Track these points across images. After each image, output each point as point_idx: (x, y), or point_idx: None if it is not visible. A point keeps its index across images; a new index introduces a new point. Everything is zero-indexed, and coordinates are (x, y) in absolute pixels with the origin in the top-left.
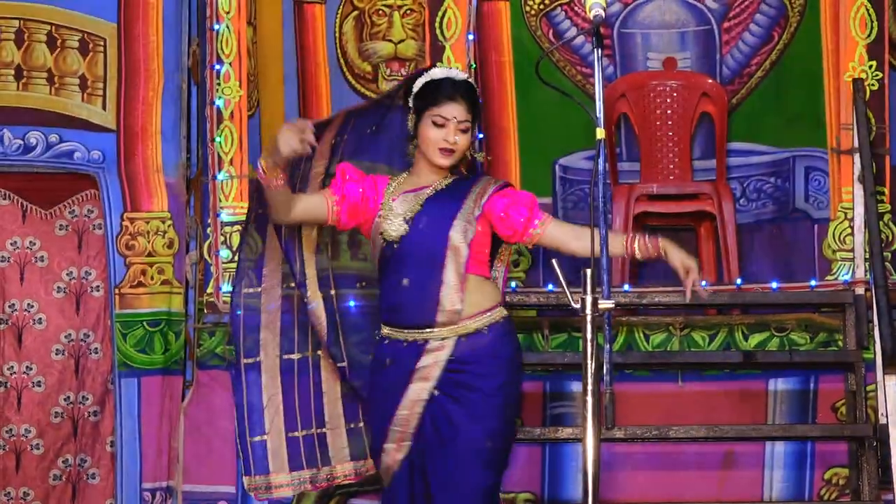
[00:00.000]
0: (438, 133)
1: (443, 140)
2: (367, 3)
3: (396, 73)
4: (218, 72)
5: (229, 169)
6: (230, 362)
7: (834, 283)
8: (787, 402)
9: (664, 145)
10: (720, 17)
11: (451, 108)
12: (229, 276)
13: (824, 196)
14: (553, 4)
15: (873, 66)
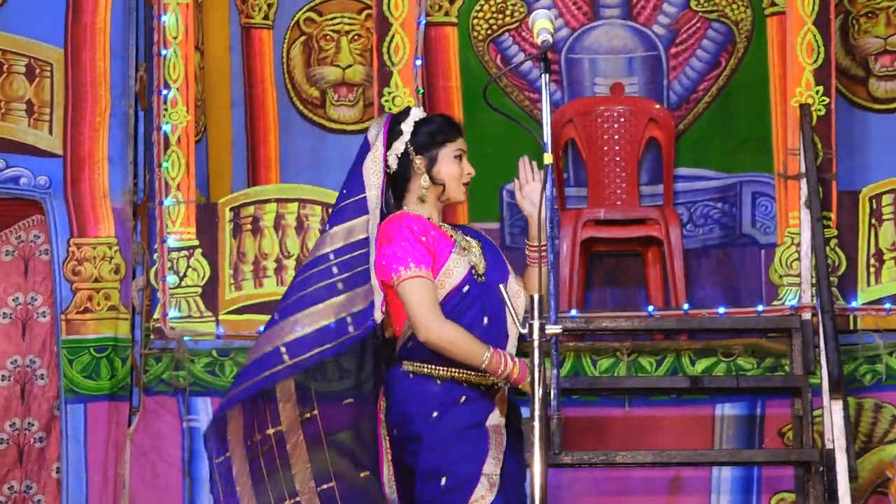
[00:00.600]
0: (460, 167)
1: (466, 175)
2: (315, 29)
3: (344, 98)
4: (165, 97)
5: (176, 194)
6: (176, 388)
7: (781, 309)
8: (733, 428)
9: (611, 170)
10: (667, 42)
11: (463, 141)
12: (176, 301)
13: (771, 221)
14: (501, 30)
15: (820, 91)
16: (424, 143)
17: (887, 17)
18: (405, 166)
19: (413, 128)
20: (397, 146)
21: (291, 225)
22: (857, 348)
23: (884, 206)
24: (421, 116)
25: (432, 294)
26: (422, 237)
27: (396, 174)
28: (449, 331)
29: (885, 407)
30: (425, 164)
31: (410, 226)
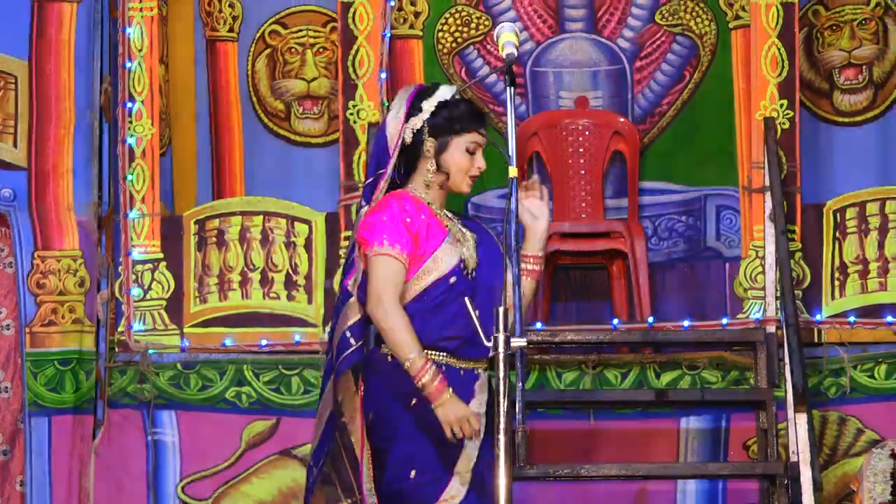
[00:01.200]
0: (470, 160)
1: (475, 168)
2: (280, 42)
3: (309, 111)
4: (130, 110)
5: (141, 207)
6: (141, 401)
7: (745, 322)
8: (698, 441)
9: (576, 184)
10: (632, 56)
11: (482, 134)
12: (140, 314)
13: (736, 234)
14: (465, 43)
15: (784, 104)
16: (440, 127)
17: (851, 30)
18: (418, 144)
19: (434, 108)
20: (414, 122)
21: (256, 238)
22: (822, 361)
23: (848, 220)
24: (446, 97)
25: (398, 276)
26: (407, 219)
27: (408, 149)
28: (394, 316)
29: (849, 420)
30: (435, 148)
31: (403, 205)
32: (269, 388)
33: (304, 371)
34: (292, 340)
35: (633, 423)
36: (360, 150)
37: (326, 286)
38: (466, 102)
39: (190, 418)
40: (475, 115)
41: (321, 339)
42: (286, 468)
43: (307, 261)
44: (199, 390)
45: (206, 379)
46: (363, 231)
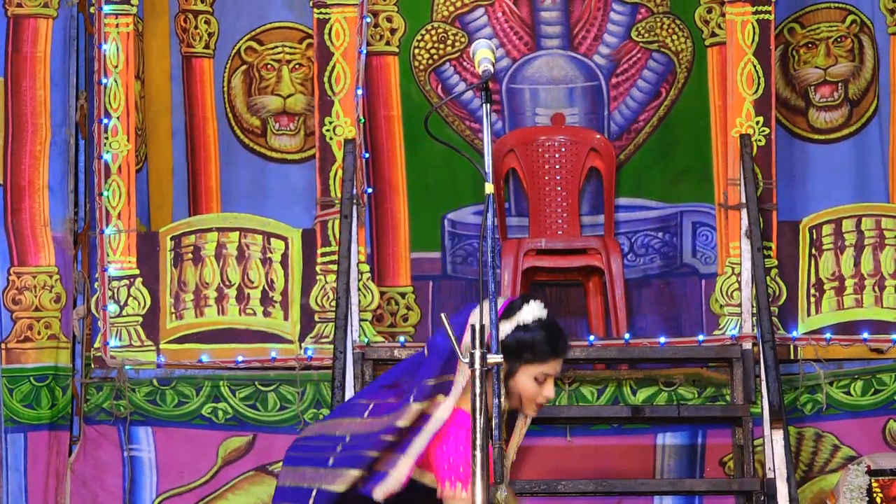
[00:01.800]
0: (539, 389)
1: (543, 396)
2: (256, 58)
3: (285, 127)
4: (106, 126)
5: (117, 223)
6: (117, 417)
7: (721, 338)
8: (675, 457)
9: (552, 200)
10: (608, 73)
11: (556, 364)
12: (116, 330)
13: (712, 251)
14: (442, 59)
15: (760, 121)
16: (512, 351)
17: (827, 47)
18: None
19: (512, 331)
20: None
21: (233, 254)
22: (798, 378)
23: (824, 237)
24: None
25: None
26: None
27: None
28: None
29: (825, 436)
30: (504, 371)
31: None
32: (246, 405)
33: (281, 387)
34: (268, 356)
35: (609, 440)
36: (336, 167)
37: (302, 302)
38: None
39: (166, 434)
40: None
41: (297, 355)
42: (262, 484)
43: (283, 277)
44: (176, 406)
45: (182, 395)
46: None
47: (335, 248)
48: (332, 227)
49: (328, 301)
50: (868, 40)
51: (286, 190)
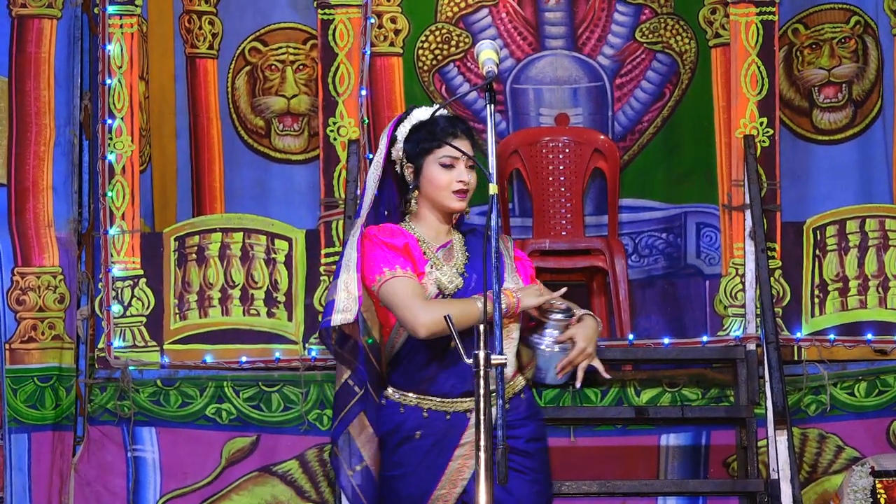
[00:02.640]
0: (450, 175)
1: (456, 182)
2: (260, 58)
3: (289, 128)
4: (110, 126)
5: (121, 224)
6: (121, 418)
7: (725, 339)
8: (678, 458)
9: (556, 201)
10: (612, 73)
11: (454, 145)
12: (120, 331)
13: (716, 252)
14: (445, 60)
15: (764, 122)
16: (413, 152)
17: (831, 48)
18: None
19: (408, 133)
20: (395, 153)
21: (236, 255)
22: (802, 379)
23: (828, 238)
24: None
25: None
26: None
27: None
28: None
29: (829, 437)
30: (412, 173)
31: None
32: (249, 405)
33: (285, 388)
34: (272, 357)
35: (613, 440)
36: (340, 167)
37: (306, 303)
38: (442, 118)
39: (170, 435)
40: (446, 128)
41: (301, 355)
42: (266, 485)
43: (287, 277)
44: (179, 407)
45: (186, 396)
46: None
47: (339, 249)
48: (335, 228)
49: None
50: (872, 41)
51: (290, 191)
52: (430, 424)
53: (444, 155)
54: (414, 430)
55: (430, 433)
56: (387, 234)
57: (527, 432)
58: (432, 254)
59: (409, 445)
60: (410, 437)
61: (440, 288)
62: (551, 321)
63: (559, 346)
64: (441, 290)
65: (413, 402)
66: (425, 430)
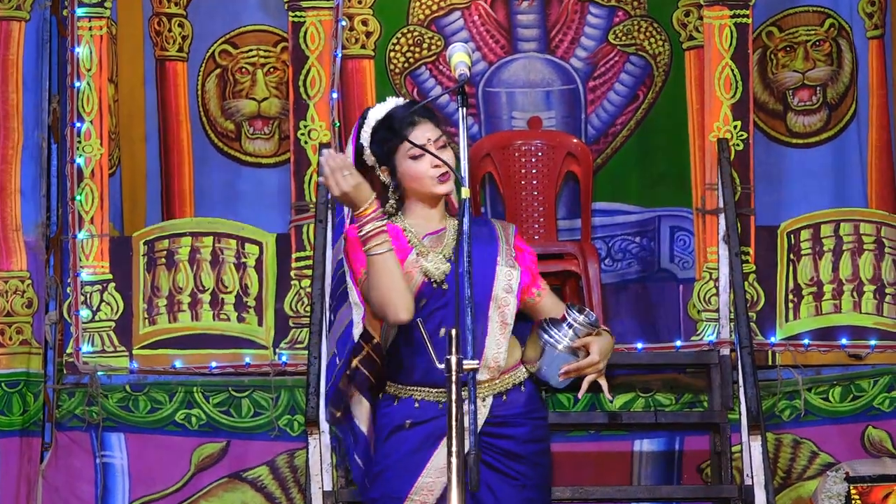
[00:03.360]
0: (423, 163)
1: (430, 167)
2: (230, 61)
3: (259, 131)
4: (78, 129)
5: (90, 228)
6: (89, 423)
7: (699, 344)
8: (652, 464)
9: (529, 205)
10: (585, 76)
11: (417, 132)
12: (89, 336)
13: (689, 256)
14: (417, 63)
15: (738, 126)
16: (382, 153)
17: (805, 51)
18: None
19: (370, 135)
20: (367, 158)
21: (206, 259)
22: (776, 384)
23: (802, 242)
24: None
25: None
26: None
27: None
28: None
29: (803, 443)
30: (389, 174)
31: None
32: (219, 411)
33: (255, 393)
34: (242, 362)
35: (586, 446)
36: (311, 171)
37: (277, 308)
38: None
39: (139, 441)
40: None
41: (271, 360)
42: (236, 491)
43: (258, 282)
44: (149, 412)
45: (155, 401)
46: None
47: (310, 253)
48: (306, 232)
49: (303, 306)
50: (846, 44)
51: (261, 194)
52: (422, 415)
53: (409, 149)
54: (404, 419)
55: (421, 423)
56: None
57: (523, 433)
58: (417, 241)
59: (398, 436)
60: (401, 426)
61: (427, 275)
62: (574, 323)
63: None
64: (428, 277)
65: (406, 395)
66: (416, 420)
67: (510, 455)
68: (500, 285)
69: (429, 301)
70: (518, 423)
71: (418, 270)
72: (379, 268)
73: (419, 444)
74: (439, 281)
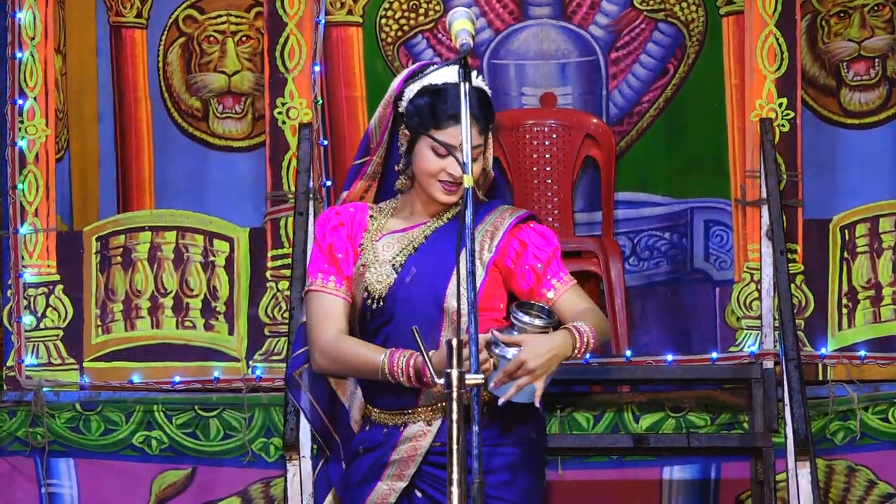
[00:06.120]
0: (439, 163)
1: (445, 172)
2: (196, 29)
3: (230, 109)
4: (20, 107)
5: (34, 221)
6: (34, 447)
7: (738, 356)
8: (684, 494)
9: (542, 195)
10: (607, 46)
11: (456, 130)
12: (33, 346)
13: (727, 254)
14: (413, 31)
15: (783, 104)
16: (414, 120)
17: (861, 17)
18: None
19: (415, 94)
20: (400, 106)
21: (169, 257)
22: (828, 402)
23: (857, 237)
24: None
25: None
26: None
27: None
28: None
29: (859, 470)
30: (406, 143)
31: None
32: (184, 433)
33: (225, 412)
34: (210, 377)
35: (607, 473)
36: (290, 155)
37: (250, 314)
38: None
39: (91, 467)
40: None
41: (244, 374)
42: None
43: (228, 284)
44: (102, 435)
45: (109, 422)
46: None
47: (288, 251)
48: (284, 226)
49: (280, 312)
50: None
51: (231, 183)
52: (371, 439)
53: (441, 140)
54: (358, 444)
55: (370, 449)
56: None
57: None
58: (371, 244)
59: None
60: (356, 451)
61: (368, 291)
62: (519, 323)
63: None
64: (369, 292)
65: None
66: (365, 445)
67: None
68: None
69: (373, 317)
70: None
71: (360, 287)
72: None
73: (364, 474)
74: (379, 295)
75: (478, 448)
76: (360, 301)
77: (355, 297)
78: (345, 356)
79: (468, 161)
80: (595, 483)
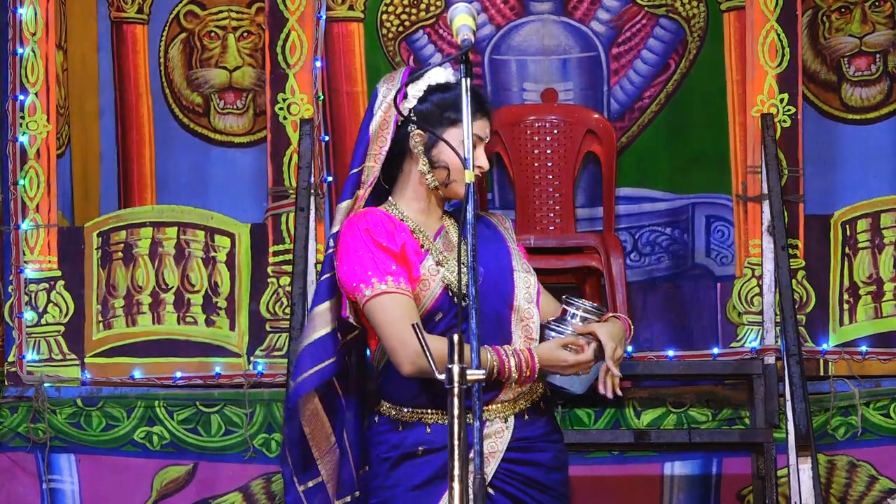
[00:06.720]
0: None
1: (477, 168)
2: (198, 24)
3: (231, 105)
4: (22, 103)
5: (35, 217)
6: (35, 443)
7: (740, 352)
8: (685, 489)
9: (543, 190)
10: (608, 42)
11: (481, 124)
12: (34, 342)
13: (728, 250)
14: (414, 27)
15: (785, 99)
16: (432, 116)
17: (863, 12)
18: (402, 141)
19: (423, 93)
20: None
21: (170, 253)
22: (829, 397)
23: (859, 233)
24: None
25: (411, 311)
26: (383, 242)
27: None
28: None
29: (860, 465)
30: (424, 143)
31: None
32: (185, 428)
33: (226, 408)
34: (212, 372)
35: (609, 469)
36: (291, 151)
37: (251, 309)
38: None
39: (92, 463)
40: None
41: (245, 370)
42: None
43: (229, 280)
44: (103, 430)
45: (110, 417)
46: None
47: (290, 246)
48: (286, 222)
49: (281, 308)
50: None
51: (232, 178)
52: (435, 441)
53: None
54: (416, 445)
55: (434, 451)
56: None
57: (547, 459)
58: (430, 244)
59: (409, 464)
60: (412, 454)
61: (449, 287)
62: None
63: None
64: (449, 288)
65: (412, 418)
66: (429, 447)
67: (533, 484)
68: (521, 295)
69: (446, 316)
70: (540, 447)
71: (437, 280)
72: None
73: (432, 475)
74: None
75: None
76: (433, 299)
77: (419, 296)
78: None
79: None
80: (596, 478)
